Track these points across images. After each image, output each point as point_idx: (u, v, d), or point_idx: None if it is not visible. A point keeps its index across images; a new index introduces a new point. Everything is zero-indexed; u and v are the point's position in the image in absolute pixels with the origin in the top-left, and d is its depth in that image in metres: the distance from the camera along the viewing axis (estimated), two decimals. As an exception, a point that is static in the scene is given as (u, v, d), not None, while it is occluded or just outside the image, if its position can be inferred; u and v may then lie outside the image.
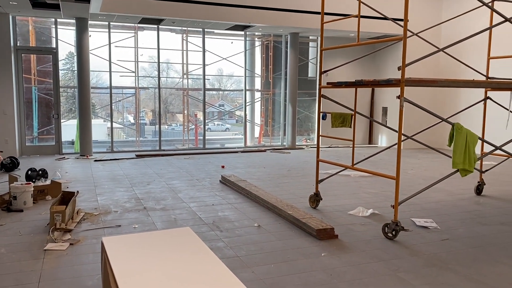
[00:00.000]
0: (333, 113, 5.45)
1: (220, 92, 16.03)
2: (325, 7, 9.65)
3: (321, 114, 5.39)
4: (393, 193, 6.30)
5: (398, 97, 4.21)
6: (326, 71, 5.59)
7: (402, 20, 4.31)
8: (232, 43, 12.73)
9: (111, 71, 11.07)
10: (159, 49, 11.43)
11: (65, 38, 10.74)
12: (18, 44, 10.20)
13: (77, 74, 10.30)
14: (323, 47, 5.49)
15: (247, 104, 12.93)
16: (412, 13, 11.22)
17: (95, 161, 9.58)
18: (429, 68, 12.13)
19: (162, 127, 12.40)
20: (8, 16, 9.78)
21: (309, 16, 10.84)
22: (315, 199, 5.56)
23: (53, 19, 10.39)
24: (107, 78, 11.15)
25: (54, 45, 10.53)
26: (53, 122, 10.66)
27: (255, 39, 13.19)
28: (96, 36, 11.04)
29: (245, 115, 12.83)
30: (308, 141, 13.78)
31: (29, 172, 6.87)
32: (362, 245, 4.18)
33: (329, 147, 12.60)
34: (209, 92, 13.40)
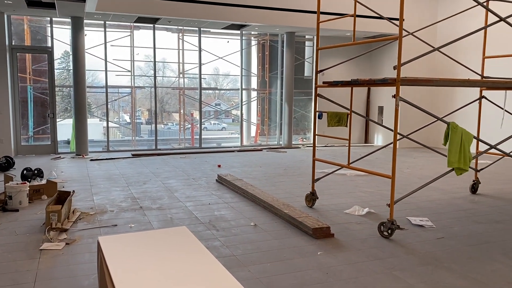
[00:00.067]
0: (329, 112, 5.46)
1: (216, 91, 15.99)
2: (321, 7, 9.63)
3: (317, 114, 5.40)
4: (388, 192, 6.32)
5: (394, 96, 4.23)
6: (322, 71, 5.60)
7: (398, 19, 4.32)
8: (228, 42, 12.72)
9: (106, 70, 11.04)
10: (155, 48, 11.41)
11: (60, 37, 10.70)
12: (13, 43, 10.15)
13: (73, 73, 10.27)
14: (319, 47, 5.50)
15: (243, 103, 12.93)
16: (407, 13, 11.26)
17: (91, 160, 9.56)
18: (424, 67, 12.17)
19: (158, 126, 12.39)
20: (3, 15, 9.73)
21: (305, 15, 10.86)
22: (311, 198, 5.57)
23: (49, 18, 10.35)
24: (103, 77, 11.12)
25: (49, 44, 10.49)
26: (48, 122, 10.62)
27: (251, 38, 13.18)
28: (92, 35, 11.00)
29: (242, 114, 12.83)
30: (305, 140, 13.80)
31: (25, 172, 6.85)
32: (358, 243, 4.20)
33: (325, 146, 12.62)
34: (205, 91, 13.38)
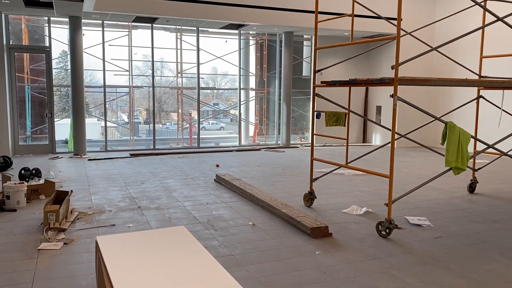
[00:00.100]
0: (327, 112, 5.47)
1: (214, 91, 16.01)
2: (319, 6, 9.66)
3: (315, 113, 5.41)
4: (386, 191, 6.34)
5: (392, 96, 4.24)
6: (320, 70, 5.61)
7: (396, 19, 4.33)
8: (226, 41, 12.72)
9: (104, 70, 11.03)
10: (153, 47, 11.40)
11: (58, 37, 10.69)
12: (11, 43, 10.13)
13: (71, 73, 10.25)
14: (317, 46, 5.50)
15: (241, 103, 12.93)
16: (405, 12, 11.27)
17: (89, 160, 9.55)
18: (422, 67, 12.19)
19: (156, 126, 12.38)
20: (0, 15, 9.71)
21: (303, 15, 10.87)
22: (310, 197, 5.57)
23: (46, 18, 10.33)
24: (100, 77, 11.10)
25: (47, 44, 10.46)
26: (46, 121, 10.60)
27: (250, 38, 13.18)
28: (90, 34, 10.99)
29: (240, 114, 12.83)
30: (303, 139, 13.81)
31: (23, 172, 6.83)
32: (356, 243, 4.21)
33: (323, 146, 12.64)
34: (203, 91, 13.38)
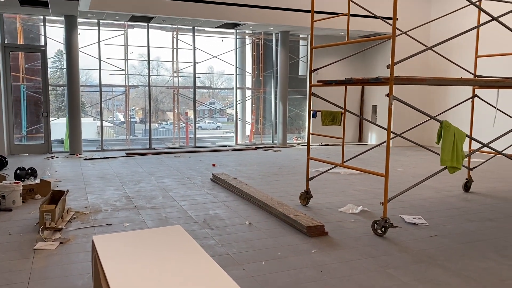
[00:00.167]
0: (323, 111, 5.48)
1: (210, 90, 15.97)
2: (315, 6, 9.68)
3: (311, 112, 5.42)
4: (382, 190, 6.35)
5: (387, 95, 4.25)
6: (316, 69, 5.62)
7: (391, 18, 4.35)
8: (222, 41, 12.72)
9: (100, 69, 11.00)
10: (149, 47, 11.38)
11: (54, 36, 10.64)
12: (6, 42, 10.08)
13: (66, 72, 10.22)
14: (313, 46, 5.51)
15: (238, 102, 12.93)
16: (401, 12, 11.31)
17: (85, 159, 9.52)
18: (418, 66, 12.23)
19: (153, 125, 12.35)
20: (-5, 14, 9.68)
21: (299, 14, 10.87)
22: (306, 196, 5.59)
23: (42, 17, 10.29)
24: (96, 76, 11.07)
25: (42, 43, 10.43)
26: (42, 121, 10.56)
27: (246, 37, 13.18)
28: (86, 33, 10.95)
29: (236, 113, 12.83)
30: (299, 139, 13.82)
31: (18, 171, 6.81)
32: (352, 241, 4.22)
33: (319, 145, 12.66)
34: (199, 90, 13.37)
